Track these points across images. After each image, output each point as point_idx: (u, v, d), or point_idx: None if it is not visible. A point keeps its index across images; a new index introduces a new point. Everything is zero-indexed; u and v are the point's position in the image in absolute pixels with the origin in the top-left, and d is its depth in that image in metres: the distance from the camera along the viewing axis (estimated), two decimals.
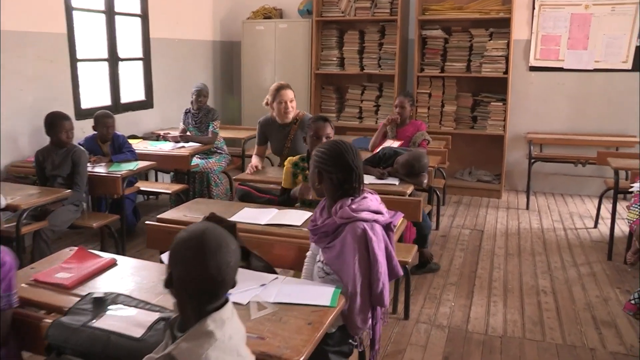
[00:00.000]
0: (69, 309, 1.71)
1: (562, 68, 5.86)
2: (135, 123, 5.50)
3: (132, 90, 5.62)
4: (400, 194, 3.29)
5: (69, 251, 2.24)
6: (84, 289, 1.90)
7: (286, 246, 2.37)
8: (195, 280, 1.26)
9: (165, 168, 5.13)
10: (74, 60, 4.67)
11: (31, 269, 2.10)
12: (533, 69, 5.98)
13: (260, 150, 4.03)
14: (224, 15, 6.93)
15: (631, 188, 3.69)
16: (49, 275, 2.00)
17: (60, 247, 4.26)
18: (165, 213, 2.82)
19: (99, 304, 1.72)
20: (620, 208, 4.71)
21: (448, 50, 5.97)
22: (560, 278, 3.82)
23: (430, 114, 6.09)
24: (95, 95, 5.24)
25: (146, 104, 5.73)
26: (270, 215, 2.66)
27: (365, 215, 1.96)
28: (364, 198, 2.01)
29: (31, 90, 4.29)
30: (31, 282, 1.95)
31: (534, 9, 5.82)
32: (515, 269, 3.96)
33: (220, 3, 6.83)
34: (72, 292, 1.88)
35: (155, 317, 1.63)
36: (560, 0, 5.73)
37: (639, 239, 3.11)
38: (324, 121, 2.96)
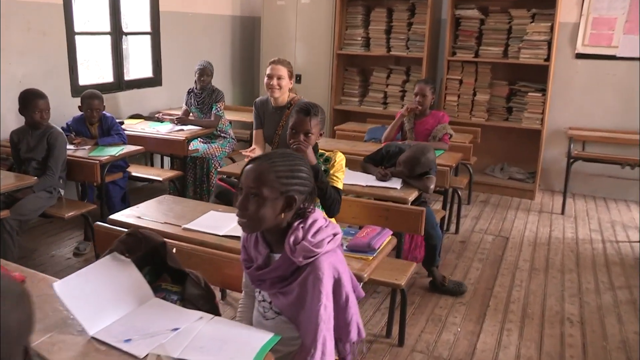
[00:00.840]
0: None
1: (615, 56, 5.16)
2: (141, 102, 5.19)
3: (139, 67, 5.30)
4: (401, 201, 2.79)
5: None
6: None
7: (239, 265, 1.94)
8: None
9: (160, 152, 4.78)
10: (70, 33, 4.39)
11: None
12: (580, 56, 5.31)
13: (259, 136, 3.48)
14: None
15: None
16: None
17: (31, 239, 4.06)
18: (120, 213, 2.45)
19: None
20: None
21: (484, 33, 5.37)
22: (592, 304, 3.26)
23: (460, 103, 5.54)
24: (96, 72, 4.96)
25: (154, 81, 5.39)
26: (233, 223, 2.24)
27: (329, 246, 1.53)
28: (314, 221, 1.55)
29: (21, 65, 4.02)
30: None
31: None
32: (539, 289, 3.43)
33: None
34: None
35: None
36: None
37: None
38: (305, 115, 2.41)
